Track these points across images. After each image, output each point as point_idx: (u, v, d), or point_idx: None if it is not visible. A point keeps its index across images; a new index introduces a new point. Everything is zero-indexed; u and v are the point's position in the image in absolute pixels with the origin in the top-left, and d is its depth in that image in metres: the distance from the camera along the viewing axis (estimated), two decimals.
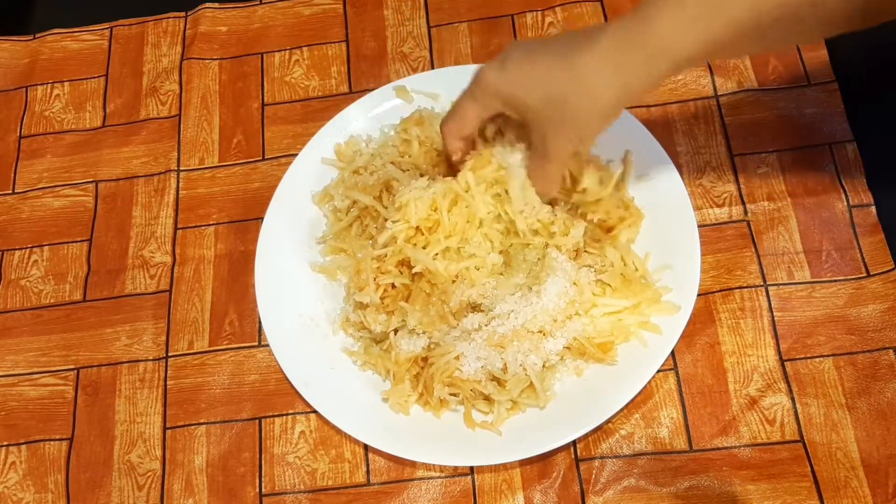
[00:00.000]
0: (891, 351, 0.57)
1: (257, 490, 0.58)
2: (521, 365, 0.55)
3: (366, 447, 0.59)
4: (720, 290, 0.60)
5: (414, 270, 0.57)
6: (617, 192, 0.59)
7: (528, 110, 0.51)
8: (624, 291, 0.57)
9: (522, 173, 0.56)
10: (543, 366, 0.56)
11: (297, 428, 0.60)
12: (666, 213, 0.60)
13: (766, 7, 0.43)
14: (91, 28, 0.79)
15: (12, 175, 0.73)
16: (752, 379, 0.57)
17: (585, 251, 0.57)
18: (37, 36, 0.79)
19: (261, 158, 0.70)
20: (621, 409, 0.56)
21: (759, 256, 0.61)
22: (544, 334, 0.56)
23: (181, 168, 0.71)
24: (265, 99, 0.73)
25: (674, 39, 0.45)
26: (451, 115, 0.55)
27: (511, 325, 0.56)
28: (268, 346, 0.61)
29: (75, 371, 0.64)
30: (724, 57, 0.65)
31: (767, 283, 0.60)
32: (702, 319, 0.59)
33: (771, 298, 0.60)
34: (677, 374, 0.58)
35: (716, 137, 0.66)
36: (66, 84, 0.76)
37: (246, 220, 0.68)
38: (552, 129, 0.51)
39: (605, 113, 0.49)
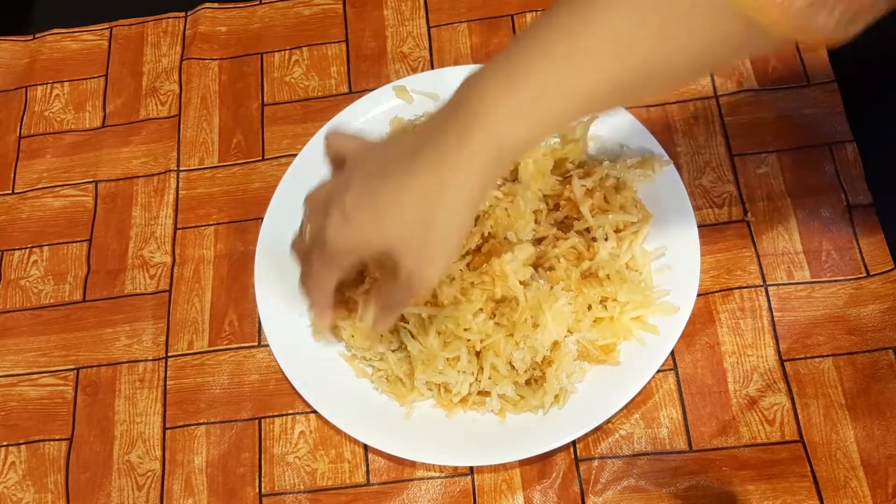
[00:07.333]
0: (891, 351, 0.57)
1: (257, 490, 0.58)
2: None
3: (366, 447, 0.59)
4: (720, 291, 0.60)
5: None
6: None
7: (387, 250, 0.45)
8: (623, 293, 0.57)
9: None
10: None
11: (296, 428, 0.60)
12: (666, 214, 0.60)
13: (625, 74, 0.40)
14: (91, 28, 0.78)
15: (12, 175, 0.72)
16: (752, 379, 0.57)
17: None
18: (37, 36, 0.79)
19: (261, 158, 0.70)
20: (621, 410, 0.56)
21: (758, 256, 0.61)
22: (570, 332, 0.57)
23: (181, 168, 0.71)
24: (265, 99, 0.73)
25: (513, 132, 0.42)
26: (309, 283, 0.52)
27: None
28: (268, 346, 0.61)
29: (75, 371, 0.64)
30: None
31: (767, 283, 0.60)
32: (701, 320, 0.59)
33: (771, 298, 0.60)
34: (677, 374, 0.58)
35: (716, 137, 0.66)
36: (65, 84, 0.76)
37: (246, 220, 0.68)
38: (415, 258, 0.45)
39: (462, 225, 0.44)
